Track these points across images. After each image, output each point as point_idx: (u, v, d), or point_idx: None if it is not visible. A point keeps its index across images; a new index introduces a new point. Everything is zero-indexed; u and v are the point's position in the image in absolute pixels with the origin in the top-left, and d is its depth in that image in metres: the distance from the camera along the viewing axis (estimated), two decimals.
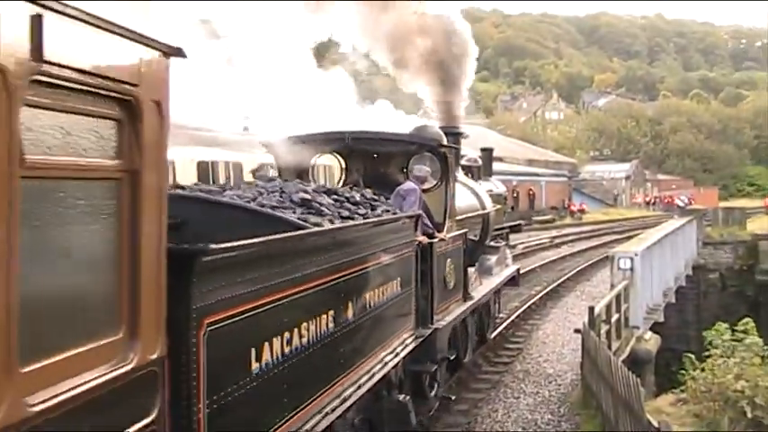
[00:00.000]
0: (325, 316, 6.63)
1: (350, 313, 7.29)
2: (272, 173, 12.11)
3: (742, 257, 38.44)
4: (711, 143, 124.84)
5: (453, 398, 12.74)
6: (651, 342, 18.72)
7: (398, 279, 9.06)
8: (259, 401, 5.32)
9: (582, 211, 70.25)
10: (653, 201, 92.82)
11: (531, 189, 66.63)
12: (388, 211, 9.72)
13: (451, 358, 12.53)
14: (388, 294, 8.60)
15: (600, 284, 26.36)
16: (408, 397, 9.59)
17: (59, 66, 3.11)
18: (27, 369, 2.95)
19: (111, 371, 3.51)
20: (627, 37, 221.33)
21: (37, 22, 2.86)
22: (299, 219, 7.17)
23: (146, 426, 3.72)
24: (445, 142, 12.85)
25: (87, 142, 3.41)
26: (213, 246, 4.58)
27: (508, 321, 19.40)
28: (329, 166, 13.31)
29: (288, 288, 5.80)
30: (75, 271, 3.40)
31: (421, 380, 10.75)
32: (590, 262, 32.79)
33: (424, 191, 11.65)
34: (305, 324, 6.18)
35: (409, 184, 11.31)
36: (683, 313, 32.16)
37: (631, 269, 18.65)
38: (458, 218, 13.17)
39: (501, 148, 18.21)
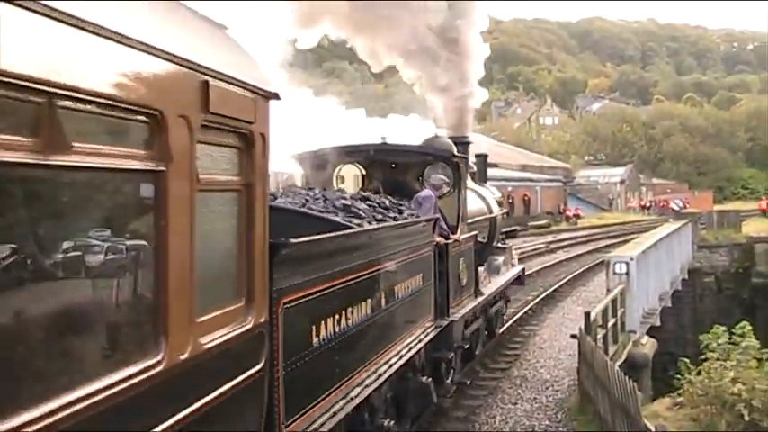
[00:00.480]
0: (364, 303, 7.88)
1: (383, 302, 8.57)
2: (298, 182, 13.25)
3: (737, 260, 38.65)
4: (705, 147, 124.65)
5: (469, 382, 14.17)
6: (648, 346, 18.72)
7: (420, 275, 10.31)
8: (316, 371, 6.53)
9: (577, 216, 70.23)
10: (648, 205, 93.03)
11: (526, 194, 66.68)
12: (412, 214, 11.03)
13: (466, 347, 13.75)
14: (412, 287, 9.91)
15: (596, 289, 26.36)
16: (430, 379, 10.87)
17: (214, 114, 4.54)
18: (199, 320, 4.38)
19: (238, 328, 4.91)
20: (620, 41, 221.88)
21: (205, 85, 4.38)
22: (342, 221, 8.41)
23: (257, 371, 5.19)
24: (455, 152, 14.22)
25: (223, 165, 4.88)
26: (292, 240, 5.89)
27: (505, 327, 19.46)
28: (345, 175, 14.13)
29: (338, 278, 7.08)
30: (218, 256, 4.88)
31: (439, 366, 11.90)
32: (586, 267, 32.71)
33: (438, 197, 12.71)
34: (350, 309, 7.41)
35: (426, 192, 12.43)
36: (680, 317, 32.29)
37: (627, 273, 18.64)
38: (468, 221, 14.31)
39: (495, 154, 18.26)
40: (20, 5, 3.00)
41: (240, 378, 4.93)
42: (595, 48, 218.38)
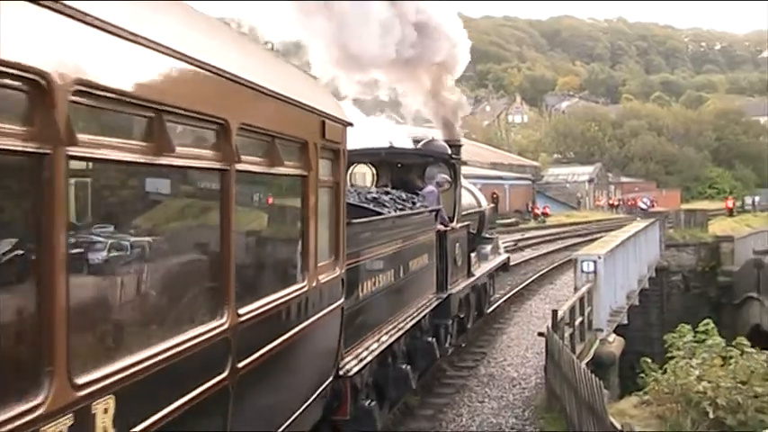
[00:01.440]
0: (390, 271, 10.97)
1: (401, 272, 11.64)
2: None
3: (704, 259, 39.01)
4: (673, 146, 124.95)
5: (464, 345, 17.63)
6: (615, 345, 18.84)
7: (426, 254, 13.45)
8: (360, 317, 9.48)
9: (545, 214, 70.52)
10: (616, 203, 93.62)
11: (494, 192, 66.84)
12: (422, 206, 13.98)
13: (461, 316, 16.65)
14: (421, 264, 12.97)
15: (563, 288, 26.59)
16: (434, 339, 13.63)
17: (326, 140, 7.42)
18: (318, 266, 7.21)
19: (332, 274, 7.85)
20: (589, 40, 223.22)
21: (323, 123, 7.26)
22: (375, 209, 11.51)
23: (339, 305, 8.12)
24: (448, 153, 17.11)
25: (328, 171, 7.83)
26: (354, 221, 9.03)
27: (470, 326, 19.75)
28: (358, 173, 17.04)
29: (375, 250, 10.13)
30: (325, 228, 7.70)
31: (440, 330, 14.72)
32: (554, 265, 32.92)
33: (443, 191, 16.05)
34: (381, 275, 10.46)
35: (429, 188, 15.43)
36: (647, 315, 32.59)
37: (594, 272, 18.80)
38: (462, 214, 17.30)
39: (464, 151, 19.23)
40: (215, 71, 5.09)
41: (335, 305, 8.08)
42: (565, 46, 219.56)
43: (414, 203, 13.93)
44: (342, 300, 8.34)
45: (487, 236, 21.15)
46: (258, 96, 5.93)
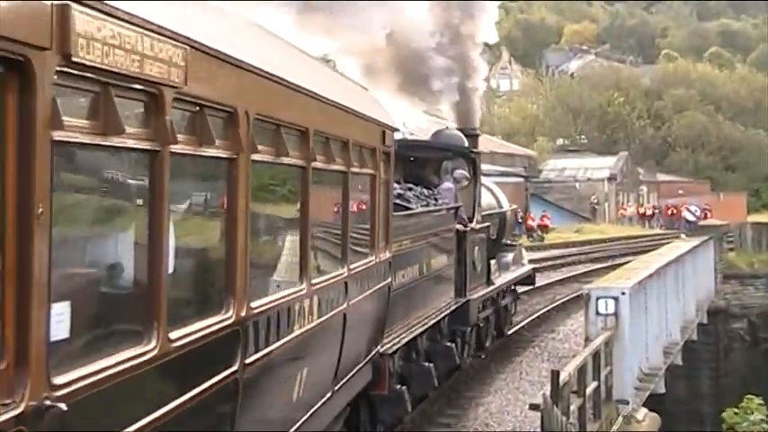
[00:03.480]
0: (416, 266, 17.01)
1: (425, 269, 17.66)
2: None
3: None
4: (737, 127, 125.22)
5: (484, 356, 23.54)
6: (646, 424, 19.12)
7: (446, 255, 19.51)
8: (395, 303, 15.19)
9: (544, 228, 71.20)
10: (650, 213, 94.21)
11: None
12: (443, 203, 19.84)
13: (481, 325, 22.63)
14: (442, 263, 19.16)
15: (569, 338, 27.32)
16: (453, 344, 19.52)
17: (385, 145, 14.59)
18: (380, 245, 14.30)
19: (388, 255, 14.65)
20: None
21: (383, 133, 14.45)
22: (404, 204, 17.26)
23: (386, 284, 14.57)
24: (466, 145, 22.96)
25: (376, 168, 13.98)
26: (395, 213, 15.69)
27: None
28: None
29: (404, 244, 16.04)
30: (366, 219, 13.73)
31: (457, 336, 20.45)
32: (555, 304, 33.40)
33: (461, 188, 21.67)
34: (409, 269, 16.40)
35: (446, 185, 20.91)
36: (695, 380, 33.35)
37: (616, 315, 19.06)
38: (482, 214, 22.92)
39: (419, 131, 22.58)
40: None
41: (385, 282, 14.25)
42: None
43: (436, 200, 19.77)
44: (390, 279, 14.79)
45: (509, 242, 27.20)
46: (358, 119, 12.83)
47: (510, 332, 26.53)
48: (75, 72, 5.51)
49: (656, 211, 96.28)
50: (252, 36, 9.62)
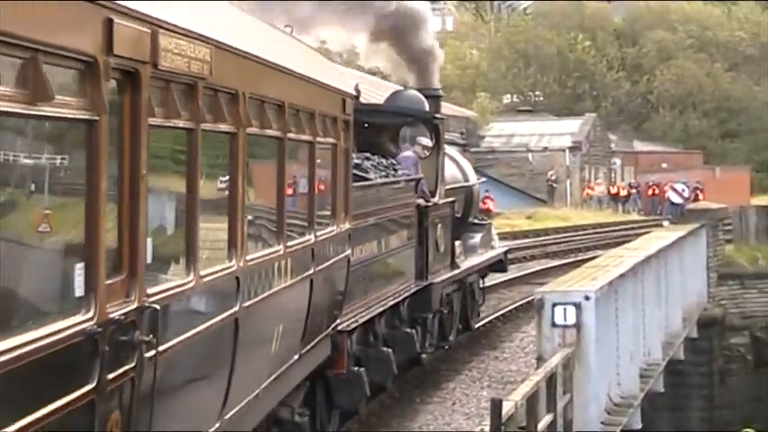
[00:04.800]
0: (374, 242, 21.54)
1: (384, 247, 22.07)
2: None
3: None
4: (736, 81, 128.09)
5: (447, 347, 27.65)
6: None
7: (406, 231, 22.94)
8: (354, 280, 19.82)
9: (486, 213, 71.64)
10: (626, 193, 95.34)
11: None
12: (404, 174, 23.14)
13: (445, 312, 25.99)
14: (400, 241, 23.08)
15: (517, 357, 28.52)
16: (414, 330, 22.82)
17: (345, 114, 19.44)
18: (315, 219, 17.18)
19: (347, 226, 19.29)
20: None
21: (343, 101, 19.47)
22: (362, 174, 20.83)
23: (346, 255, 19.24)
24: (429, 109, 26.34)
25: (337, 137, 18.81)
26: (355, 184, 19.71)
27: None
28: None
29: (360, 217, 20.23)
30: (329, 188, 18.39)
31: (417, 325, 23.82)
32: (499, 313, 34.68)
33: (421, 158, 23.93)
34: (367, 244, 21.14)
35: (405, 153, 24.30)
36: (681, 412, 32.99)
37: (577, 326, 19.30)
38: (445, 188, 25.71)
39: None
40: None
41: (344, 254, 18.65)
42: None
43: (395, 171, 22.87)
44: (349, 251, 18.28)
45: (477, 221, 31.11)
46: (323, 89, 17.15)
47: (477, 326, 30.13)
48: (160, 76, 9.71)
49: (633, 190, 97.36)
50: (226, 16, 13.26)
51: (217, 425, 12.09)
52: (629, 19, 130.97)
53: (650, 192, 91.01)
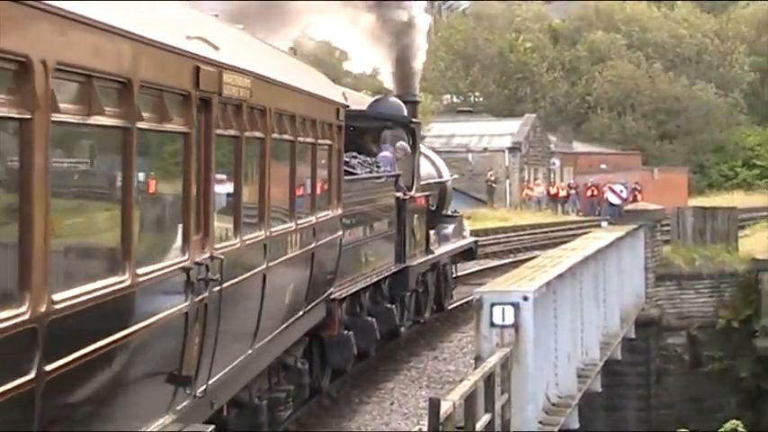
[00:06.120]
0: (360, 228, 26.06)
1: (368, 232, 26.64)
2: None
3: (731, 305, 39.90)
4: (677, 82, 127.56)
5: (423, 321, 32.30)
6: None
7: (387, 220, 27.47)
8: (344, 258, 24.03)
9: None
10: (565, 194, 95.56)
11: None
12: (385, 170, 27.40)
13: (420, 290, 30.55)
14: (382, 228, 27.57)
15: (455, 357, 28.77)
16: (394, 306, 27.87)
17: (339, 120, 23.94)
18: (316, 204, 21.72)
19: (340, 211, 23.56)
20: None
21: (338, 110, 24.11)
22: (351, 170, 24.75)
23: (338, 236, 23.48)
24: (405, 114, 30.86)
25: (332, 139, 23.16)
26: (345, 177, 23.48)
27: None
28: None
29: (348, 207, 24.06)
30: (326, 180, 23.04)
31: (396, 301, 28.29)
32: (438, 313, 34.29)
33: (397, 159, 28.24)
34: (354, 230, 25.47)
35: (384, 154, 28.29)
36: (618, 412, 33.33)
37: (516, 327, 19.33)
38: (420, 184, 29.63)
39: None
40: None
41: (338, 234, 22.86)
42: None
43: (378, 167, 26.88)
44: (341, 232, 22.34)
45: (450, 213, 36.04)
46: (323, 102, 21.30)
47: (450, 307, 35.41)
48: (224, 102, 13.98)
49: (573, 191, 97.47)
50: (254, 46, 17.90)
51: (249, 351, 16.35)
52: (569, 20, 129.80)
53: (589, 193, 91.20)
